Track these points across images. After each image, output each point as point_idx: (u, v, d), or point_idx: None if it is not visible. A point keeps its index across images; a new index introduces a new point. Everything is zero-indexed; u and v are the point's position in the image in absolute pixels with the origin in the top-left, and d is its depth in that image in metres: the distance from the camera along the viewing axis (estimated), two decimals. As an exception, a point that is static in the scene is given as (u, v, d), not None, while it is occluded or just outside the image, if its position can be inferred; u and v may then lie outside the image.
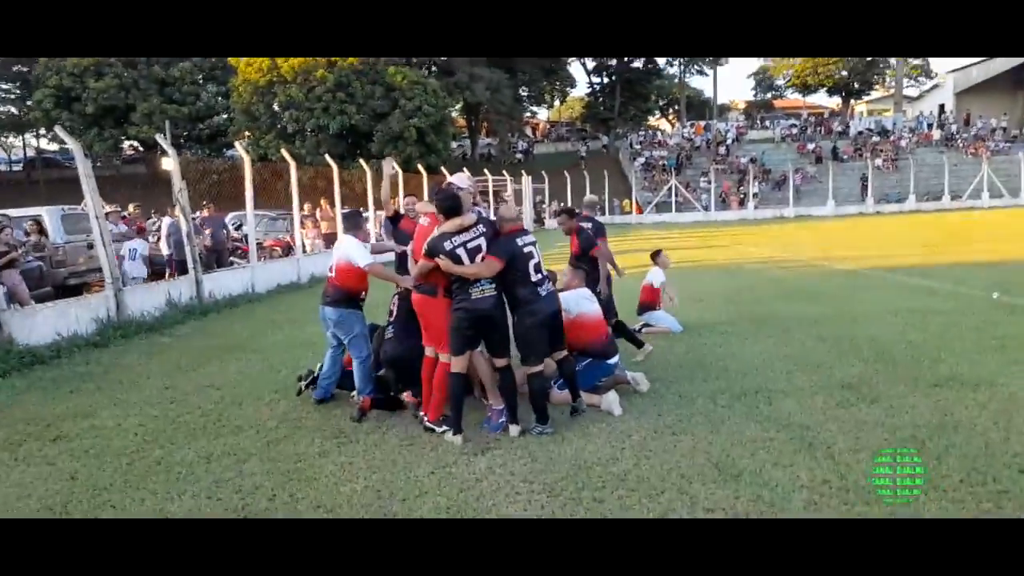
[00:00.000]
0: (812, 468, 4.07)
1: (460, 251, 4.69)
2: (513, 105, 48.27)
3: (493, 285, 4.75)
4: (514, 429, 4.85)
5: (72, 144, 9.55)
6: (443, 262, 4.67)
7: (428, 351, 5.04)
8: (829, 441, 4.51)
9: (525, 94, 57.95)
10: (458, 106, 46.77)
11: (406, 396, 5.49)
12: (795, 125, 51.76)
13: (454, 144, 46.68)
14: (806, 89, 62.96)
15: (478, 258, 4.71)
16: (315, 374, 6.03)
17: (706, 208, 39.99)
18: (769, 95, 67.53)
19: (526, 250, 4.87)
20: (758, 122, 55.83)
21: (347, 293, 5.56)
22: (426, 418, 5.05)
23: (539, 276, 4.92)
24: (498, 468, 4.31)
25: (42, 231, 11.03)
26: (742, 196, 40.89)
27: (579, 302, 5.77)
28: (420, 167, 25.73)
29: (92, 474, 4.41)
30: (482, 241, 4.76)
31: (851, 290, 10.77)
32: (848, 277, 12.54)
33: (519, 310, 4.87)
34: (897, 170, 42.49)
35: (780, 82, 65.16)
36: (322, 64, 34.47)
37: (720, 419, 5.03)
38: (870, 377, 5.87)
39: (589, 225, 6.97)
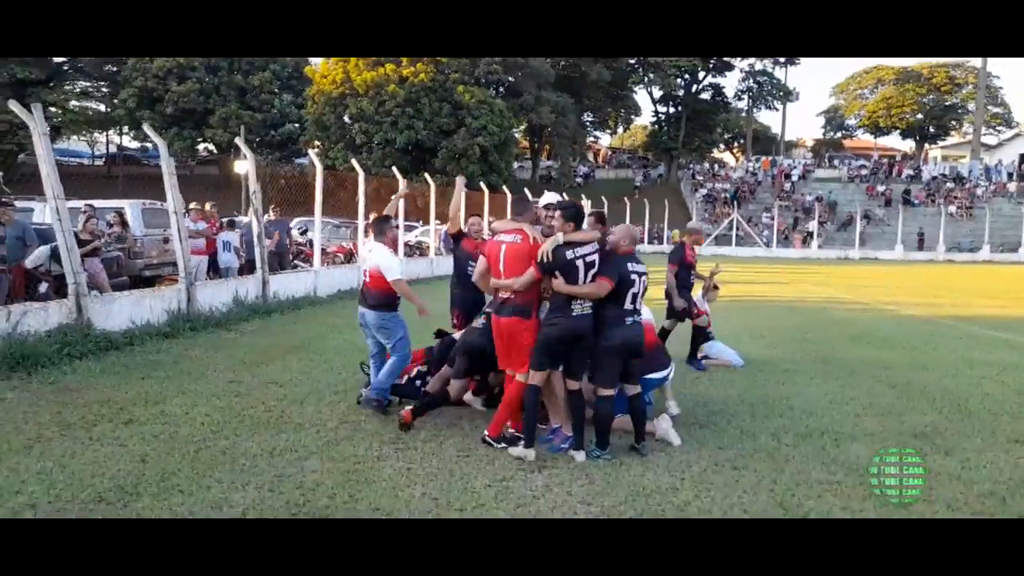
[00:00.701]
0: (882, 516, 3.92)
1: (579, 263, 4.64)
2: (577, 129, 48.49)
3: (590, 304, 4.71)
4: (579, 455, 4.77)
5: (159, 142, 9.97)
6: (557, 281, 4.63)
7: (511, 374, 4.95)
8: (901, 490, 4.33)
9: (589, 119, 58.13)
10: (522, 127, 47.21)
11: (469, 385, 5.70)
12: (865, 166, 50.59)
13: (516, 164, 47.08)
14: (878, 130, 61.53)
15: (591, 274, 4.67)
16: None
17: (767, 244, 39.29)
18: (839, 134, 66.19)
19: (632, 277, 4.78)
20: (826, 160, 54.74)
21: (386, 297, 5.68)
22: (487, 432, 5.04)
23: (632, 306, 4.82)
24: (555, 487, 4.27)
25: (124, 223, 11.53)
26: (805, 234, 40.03)
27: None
28: (482, 185, 25.98)
29: (161, 458, 4.54)
30: (596, 257, 4.72)
31: (922, 337, 10.39)
32: (918, 324, 12.11)
33: (602, 332, 4.79)
34: (972, 218, 41.06)
35: (851, 122, 63.80)
36: (393, 79, 35.32)
37: (784, 458, 4.89)
38: (944, 428, 5.63)
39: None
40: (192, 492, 4.02)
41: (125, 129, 46.67)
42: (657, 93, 55.46)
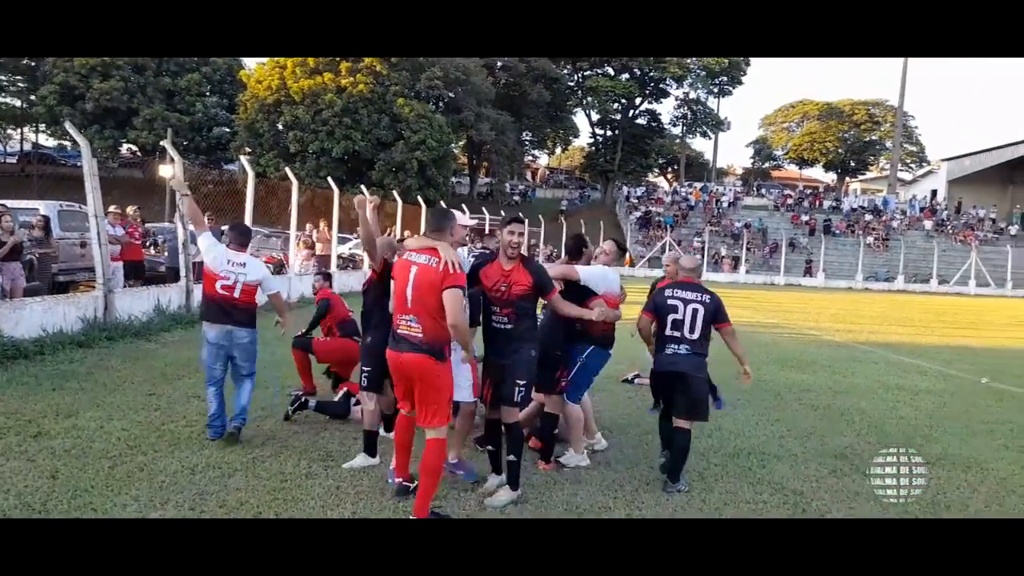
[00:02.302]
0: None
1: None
2: (515, 147, 48.90)
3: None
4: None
5: (81, 141, 9.49)
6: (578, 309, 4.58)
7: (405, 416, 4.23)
8: (823, 509, 4.48)
9: (528, 138, 58.72)
10: (461, 143, 47.27)
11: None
12: (790, 195, 52.70)
13: (454, 180, 47.05)
14: (803, 162, 64.22)
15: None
16: (302, 398, 5.94)
17: (697, 267, 40.34)
18: (767, 164, 68.82)
19: (670, 302, 4.80)
20: (754, 189, 56.79)
21: (254, 313, 5.39)
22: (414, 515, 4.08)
23: (675, 332, 4.78)
24: (489, 508, 4.23)
25: (47, 227, 10.82)
26: (734, 259, 41.31)
27: (605, 278, 5.12)
28: (420, 199, 25.84)
29: (73, 475, 4.28)
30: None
31: (842, 362, 10.82)
32: (838, 349, 12.60)
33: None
34: (888, 249, 43.20)
35: (778, 153, 66.45)
36: (331, 88, 34.84)
37: (713, 477, 4.99)
38: (862, 449, 5.85)
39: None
40: (107, 510, 3.80)
41: (42, 127, 44.42)
42: (595, 116, 56.55)
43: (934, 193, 54.31)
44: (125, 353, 8.19)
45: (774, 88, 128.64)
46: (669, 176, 65.78)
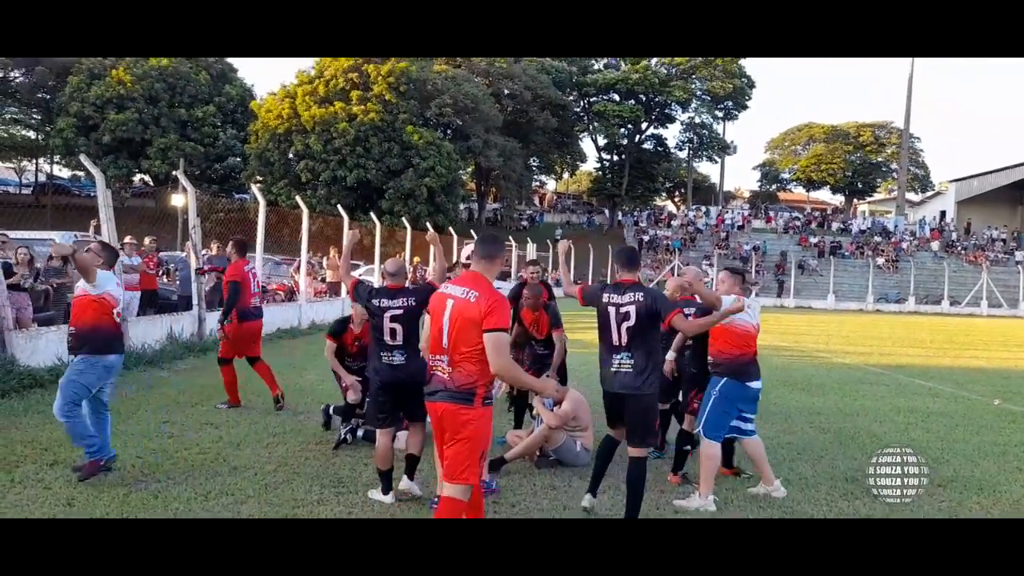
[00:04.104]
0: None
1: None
2: (523, 173, 49.21)
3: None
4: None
5: (96, 173, 9.69)
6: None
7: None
8: (834, 533, 4.47)
9: (535, 164, 59.15)
10: (470, 169, 47.67)
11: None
12: (798, 218, 52.71)
13: (463, 206, 47.37)
14: (810, 184, 64.33)
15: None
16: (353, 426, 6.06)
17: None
18: (774, 187, 68.95)
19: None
20: (762, 211, 56.85)
21: None
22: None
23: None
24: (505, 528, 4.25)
25: (64, 258, 10.96)
26: (753, 283, 41.32)
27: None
28: (428, 225, 26.05)
29: (89, 502, 4.34)
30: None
31: (852, 384, 10.78)
32: (849, 371, 12.55)
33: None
34: (897, 271, 43.06)
35: (785, 175, 66.60)
36: (343, 117, 35.30)
37: (724, 501, 4.99)
38: (873, 472, 5.82)
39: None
40: (120, 538, 3.84)
41: (56, 158, 45.11)
42: (602, 141, 56.95)
43: (943, 214, 54.22)
44: (139, 381, 8.28)
45: (779, 112, 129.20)
46: (676, 200, 65.99)
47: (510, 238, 33.60)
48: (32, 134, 43.93)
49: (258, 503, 4.52)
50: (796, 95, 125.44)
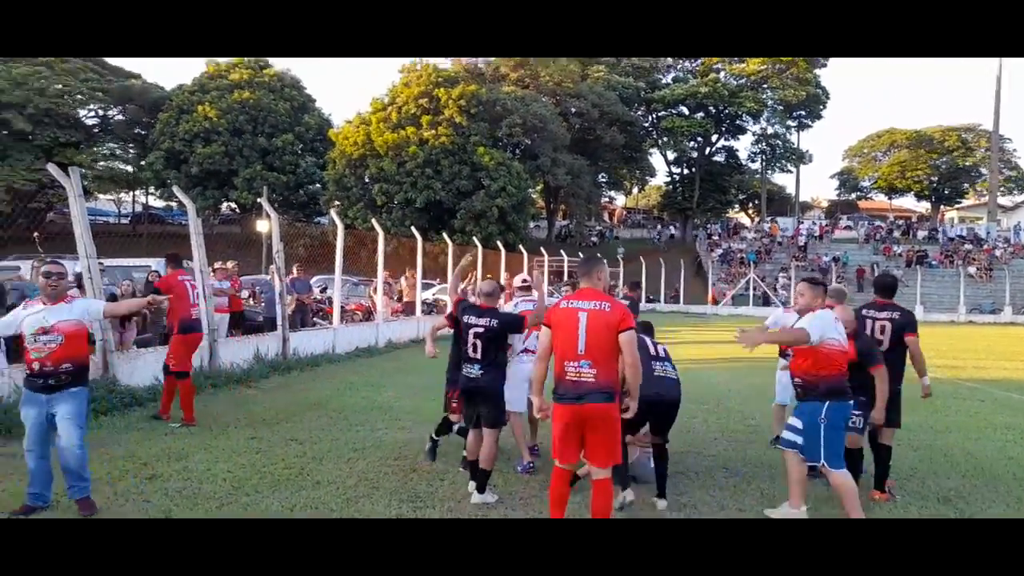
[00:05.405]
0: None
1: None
2: (591, 190, 49.13)
3: None
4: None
5: (187, 203, 10.31)
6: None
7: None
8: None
9: (604, 180, 58.97)
10: (539, 188, 47.95)
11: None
12: (881, 226, 50.65)
13: (532, 224, 47.63)
14: (893, 191, 61.79)
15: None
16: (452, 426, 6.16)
17: (784, 303, 39.12)
18: (853, 195, 66.55)
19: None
20: (841, 221, 54.93)
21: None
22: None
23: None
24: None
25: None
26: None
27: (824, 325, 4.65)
28: (499, 244, 26.35)
29: (185, 514, 4.60)
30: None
31: (944, 399, 10.25)
32: (940, 385, 11.89)
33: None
34: (991, 280, 40.75)
35: (865, 183, 64.20)
36: (414, 141, 36.22)
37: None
38: (968, 492, 5.56)
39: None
40: (215, 548, 4.06)
41: (151, 189, 47.94)
42: (671, 155, 56.36)
43: (1040, 219, 51.09)
44: (228, 399, 8.69)
45: (856, 119, 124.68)
46: (750, 211, 64.50)
47: (580, 254, 33.55)
48: (128, 168, 46.82)
49: (340, 516, 4.68)
50: (873, 102, 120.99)
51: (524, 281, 6.50)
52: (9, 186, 36.68)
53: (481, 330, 5.14)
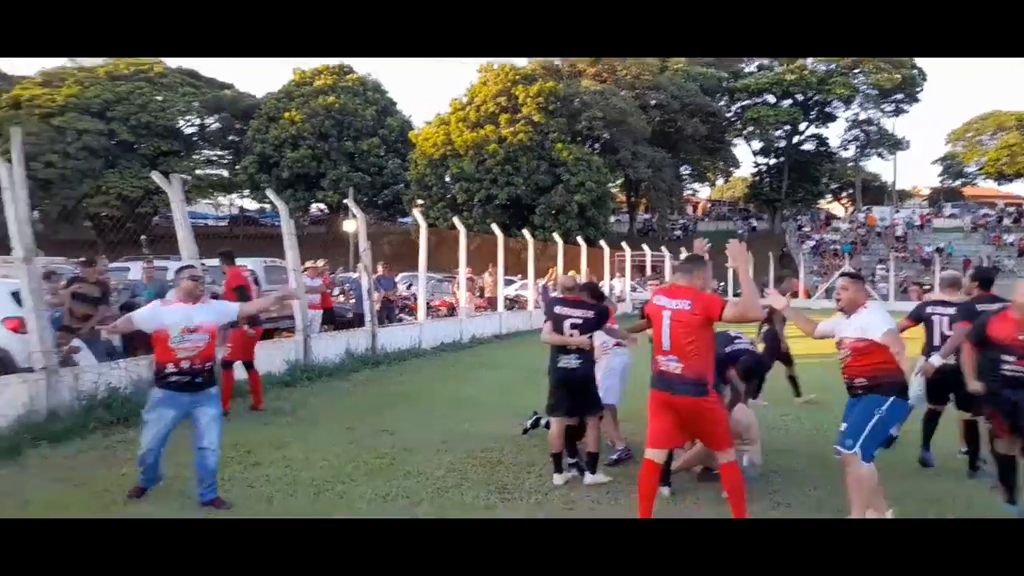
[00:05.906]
0: None
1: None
2: (673, 183, 48.22)
3: None
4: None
5: (280, 205, 10.78)
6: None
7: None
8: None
9: (686, 172, 57.79)
10: (619, 182, 47.46)
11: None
12: (989, 215, 47.56)
13: (613, 219, 47.21)
14: (1002, 177, 57.87)
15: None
16: (538, 416, 6.50)
17: (884, 297, 37.31)
18: (958, 182, 62.72)
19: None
20: (945, 209, 51.91)
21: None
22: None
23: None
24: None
25: (256, 281, 12.24)
26: (926, 288, 37.81)
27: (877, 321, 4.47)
28: (579, 239, 26.25)
29: (286, 500, 4.83)
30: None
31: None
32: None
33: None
34: (1115, 268, 37.68)
35: (971, 169, 60.38)
36: (493, 139, 36.55)
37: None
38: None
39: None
40: (314, 532, 4.25)
41: (246, 192, 50.33)
42: (756, 145, 54.57)
43: None
44: (322, 392, 9.05)
45: (958, 101, 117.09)
46: (844, 201, 61.79)
47: (662, 248, 33.03)
48: (224, 173, 49.34)
49: (430, 505, 4.81)
50: (975, 81, 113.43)
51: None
52: (119, 193, 39.36)
53: (579, 321, 5.32)
